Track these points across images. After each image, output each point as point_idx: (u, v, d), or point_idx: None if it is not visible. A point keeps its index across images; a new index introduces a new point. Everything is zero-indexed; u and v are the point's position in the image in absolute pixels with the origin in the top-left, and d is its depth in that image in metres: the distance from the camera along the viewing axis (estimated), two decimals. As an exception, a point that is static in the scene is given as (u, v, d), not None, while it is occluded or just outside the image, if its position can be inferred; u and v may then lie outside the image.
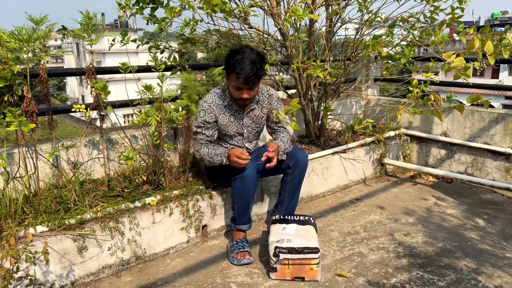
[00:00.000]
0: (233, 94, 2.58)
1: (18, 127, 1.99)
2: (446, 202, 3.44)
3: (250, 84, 2.48)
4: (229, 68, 2.50)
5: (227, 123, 2.69)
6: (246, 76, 2.43)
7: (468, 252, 2.63)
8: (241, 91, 2.53)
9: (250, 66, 2.42)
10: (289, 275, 2.37)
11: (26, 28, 2.24)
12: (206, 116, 2.63)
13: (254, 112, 2.75)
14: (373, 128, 4.06)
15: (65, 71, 2.76)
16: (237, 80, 2.46)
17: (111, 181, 2.76)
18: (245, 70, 2.42)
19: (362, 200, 3.49)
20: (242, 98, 2.55)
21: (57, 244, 2.21)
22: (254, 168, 2.54)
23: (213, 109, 2.63)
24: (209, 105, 2.63)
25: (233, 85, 2.53)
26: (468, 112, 3.85)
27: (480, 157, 3.81)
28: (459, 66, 3.00)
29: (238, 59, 2.44)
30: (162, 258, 2.62)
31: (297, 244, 2.37)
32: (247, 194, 2.58)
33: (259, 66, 2.47)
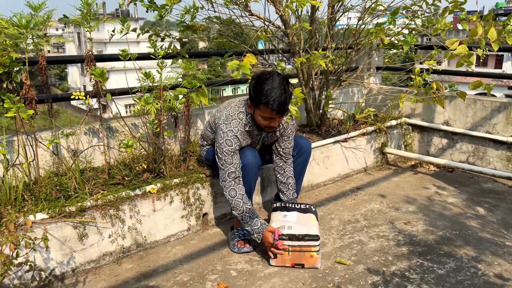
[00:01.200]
0: (261, 123, 2.43)
1: (16, 113, 1.98)
2: (447, 191, 3.43)
3: (282, 114, 2.37)
4: (259, 100, 2.33)
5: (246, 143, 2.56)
6: (280, 106, 2.30)
7: (468, 241, 2.63)
8: (272, 120, 2.39)
9: (283, 95, 2.30)
10: (289, 261, 2.38)
11: (25, 15, 2.22)
12: (234, 145, 2.44)
13: (271, 134, 2.65)
14: (374, 117, 4.04)
15: (64, 58, 2.75)
16: (271, 111, 2.32)
17: (112, 169, 2.76)
18: (279, 100, 2.29)
19: (362, 189, 3.49)
20: (273, 126, 2.44)
21: (58, 231, 2.22)
22: (256, 158, 2.53)
23: (239, 138, 2.46)
24: (235, 134, 2.45)
25: (264, 116, 2.38)
26: (470, 101, 3.82)
27: (481, 146, 3.80)
28: (462, 53, 2.97)
29: (268, 89, 2.30)
30: (162, 246, 2.63)
31: (298, 231, 2.37)
32: (248, 183, 2.58)
33: (289, 93, 2.35)
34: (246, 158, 2.49)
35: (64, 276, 2.27)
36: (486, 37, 3.03)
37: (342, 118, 4.16)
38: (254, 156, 2.52)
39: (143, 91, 2.56)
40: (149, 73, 2.44)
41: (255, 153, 2.54)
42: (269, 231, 2.39)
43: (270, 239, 2.37)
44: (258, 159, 2.55)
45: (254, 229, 2.43)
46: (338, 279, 2.25)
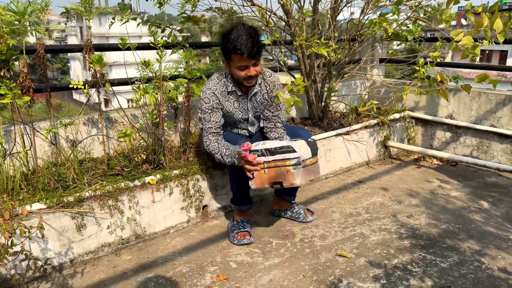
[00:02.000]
0: (238, 75, 2.46)
1: (12, 100, 1.95)
2: (450, 184, 3.39)
3: (254, 57, 2.39)
4: (228, 50, 2.39)
5: (232, 110, 2.59)
6: (249, 49, 2.33)
7: (471, 234, 2.60)
8: (247, 69, 2.42)
9: (249, 39, 2.34)
10: (267, 181, 2.28)
11: (22, 2, 2.18)
12: (212, 102, 2.50)
13: (256, 96, 2.64)
14: (377, 110, 4.00)
15: (63, 47, 2.71)
16: (242, 56, 2.35)
17: (111, 160, 2.73)
18: (245, 43, 2.33)
19: (365, 182, 3.45)
20: (250, 75, 2.44)
21: (55, 222, 2.19)
22: None
23: (217, 96, 2.52)
24: (213, 92, 2.51)
25: (237, 66, 2.42)
26: (474, 94, 3.77)
27: (486, 140, 3.75)
28: (467, 44, 2.92)
29: (235, 37, 2.34)
30: (162, 237, 2.60)
31: (271, 145, 2.26)
32: (245, 176, 2.54)
33: (257, 38, 2.39)
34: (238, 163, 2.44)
35: (62, 267, 2.25)
36: (491, 28, 2.98)
37: (345, 111, 4.11)
38: None
39: (142, 80, 2.52)
40: (149, 62, 2.40)
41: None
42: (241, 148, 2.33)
43: (246, 157, 2.28)
44: None
45: (233, 155, 2.39)
46: (339, 272, 2.22)
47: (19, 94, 1.99)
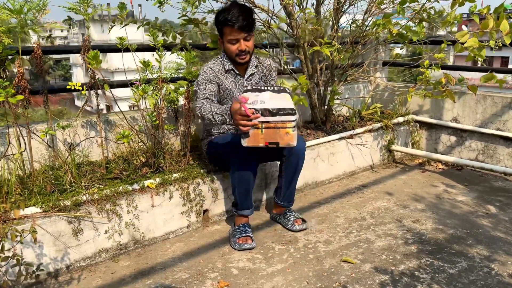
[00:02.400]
0: (230, 50, 2.53)
1: (5, 98, 1.89)
2: (456, 189, 3.32)
3: (245, 29, 2.46)
4: (220, 24, 2.49)
5: (229, 89, 2.64)
6: (239, 21, 2.41)
7: (480, 239, 2.52)
8: (238, 43, 2.50)
9: (240, 12, 2.44)
10: (262, 141, 2.20)
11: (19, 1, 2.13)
12: (209, 75, 2.58)
13: (254, 77, 2.71)
14: (381, 114, 3.94)
15: (61, 48, 2.66)
16: (232, 28, 2.44)
17: (110, 164, 2.67)
18: (236, 16, 2.42)
19: (369, 187, 3.38)
20: (241, 49, 2.51)
21: (51, 226, 2.13)
22: (253, 155, 2.43)
23: (215, 72, 2.60)
24: (210, 67, 2.60)
25: (228, 39, 2.50)
26: (480, 97, 3.71)
27: (491, 143, 3.68)
28: (472, 46, 2.87)
29: (226, 11, 2.46)
30: (161, 243, 2.53)
31: (271, 105, 2.17)
32: (247, 180, 2.48)
33: (249, 13, 2.49)
34: (243, 156, 2.39)
35: (58, 273, 2.18)
36: (497, 30, 2.93)
37: (348, 115, 4.05)
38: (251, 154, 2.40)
39: (141, 81, 2.46)
40: (148, 62, 2.34)
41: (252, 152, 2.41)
42: (235, 102, 2.24)
43: (236, 106, 2.20)
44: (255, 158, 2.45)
45: (224, 112, 2.34)
46: (344, 278, 2.15)
47: (12, 93, 1.93)
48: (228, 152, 2.48)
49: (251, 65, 2.69)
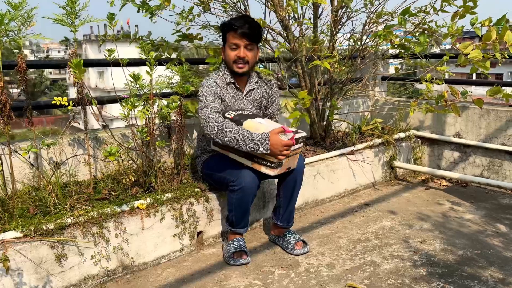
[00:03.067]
0: (230, 56, 2.43)
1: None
2: (462, 207, 3.18)
3: (247, 36, 2.39)
4: (225, 27, 2.44)
5: (231, 104, 2.52)
6: (244, 28, 2.37)
7: (492, 261, 2.37)
8: (238, 49, 2.41)
9: (247, 20, 2.42)
10: (285, 167, 2.31)
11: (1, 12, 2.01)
12: (215, 89, 2.40)
13: (254, 94, 2.59)
14: (381, 130, 3.82)
15: (47, 62, 2.53)
16: (235, 32, 2.38)
17: (98, 183, 2.52)
18: (242, 23, 2.39)
19: (371, 205, 3.23)
20: (239, 56, 2.41)
21: (32, 252, 1.96)
22: (255, 178, 2.30)
23: (219, 85, 2.47)
24: (214, 81, 2.46)
25: (230, 44, 2.42)
26: (483, 112, 3.61)
27: (497, 159, 3.56)
28: (476, 57, 2.77)
29: (234, 18, 2.46)
30: (152, 268, 2.36)
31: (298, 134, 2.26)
32: (246, 203, 2.35)
33: (256, 24, 2.45)
34: (244, 180, 2.27)
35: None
36: (500, 41, 2.84)
37: (347, 131, 3.93)
38: (252, 178, 2.29)
39: (131, 95, 2.32)
40: (138, 76, 2.22)
41: (253, 175, 2.30)
42: (276, 132, 2.17)
43: (280, 139, 2.15)
44: (256, 181, 2.32)
45: (258, 139, 2.16)
46: (350, 306, 1.98)
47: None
48: (228, 176, 2.34)
49: (251, 80, 2.58)
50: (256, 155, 2.23)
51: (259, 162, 2.25)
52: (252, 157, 2.25)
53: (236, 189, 2.27)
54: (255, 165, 2.26)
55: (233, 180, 2.27)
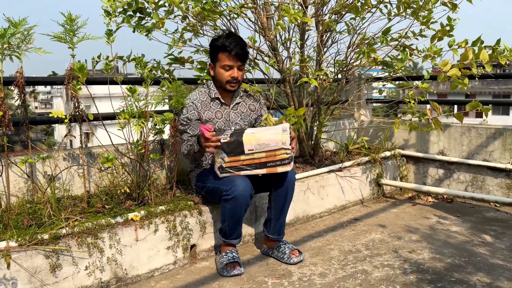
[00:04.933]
0: (223, 76, 2.55)
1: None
2: (449, 220, 3.26)
3: (241, 58, 2.50)
4: (216, 48, 2.52)
5: (213, 119, 2.61)
6: (237, 49, 2.46)
7: (479, 267, 2.43)
8: (231, 70, 2.52)
9: (238, 40, 2.51)
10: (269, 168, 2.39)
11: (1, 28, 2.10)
12: (188, 114, 2.57)
13: (240, 107, 2.71)
14: (367, 149, 3.93)
15: (45, 79, 2.61)
16: (229, 54, 2.47)
17: (92, 198, 2.54)
18: (234, 44, 2.47)
19: (361, 220, 3.29)
20: (233, 76, 2.53)
21: (27, 261, 1.97)
22: (247, 189, 2.36)
23: (196, 105, 2.58)
24: (192, 101, 2.60)
25: (222, 65, 2.52)
26: (464, 129, 3.75)
27: (480, 175, 3.68)
28: (455, 74, 2.93)
29: (225, 37, 2.51)
30: (145, 281, 2.36)
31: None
32: (239, 213, 2.39)
33: (245, 44, 2.55)
34: (237, 189, 2.31)
35: (31, 315, 1.99)
36: (477, 61, 3.01)
37: (335, 150, 4.03)
38: (245, 186, 2.34)
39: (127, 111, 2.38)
40: (134, 89, 2.30)
41: (247, 183, 2.36)
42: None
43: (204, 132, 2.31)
44: (249, 189, 2.37)
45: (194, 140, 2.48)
46: (343, 310, 2.01)
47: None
48: (221, 186, 2.39)
49: (237, 94, 2.69)
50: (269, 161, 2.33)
51: (273, 165, 2.34)
52: (266, 164, 2.33)
53: (230, 198, 2.31)
54: (270, 170, 2.34)
55: (227, 189, 2.32)
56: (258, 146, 2.30)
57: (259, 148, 2.31)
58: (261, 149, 2.31)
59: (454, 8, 3.08)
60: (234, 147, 2.30)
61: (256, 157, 2.32)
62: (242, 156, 2.31)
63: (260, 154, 2.31)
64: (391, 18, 3.19)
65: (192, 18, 2.90)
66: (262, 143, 2.30)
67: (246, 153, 2.31)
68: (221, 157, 2.32)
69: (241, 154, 2.31)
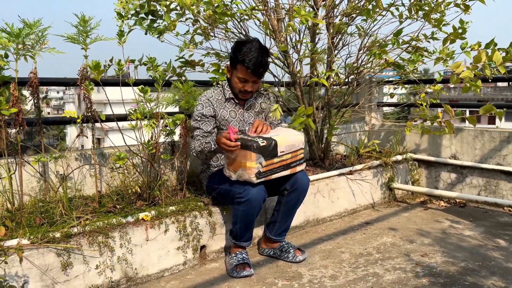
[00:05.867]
0: (236, 86, 2.54)
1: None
2: (462, 224, 3.21)
3: (258, 74, 2.47)
4: (236, 59, 2.46)
5: (228, 118, 2.61)
6: (256, 67, 2.41)
7: (493, 271, 2.39)
8: (246, 83, 2.50)
9: (260, 58, 2.41)
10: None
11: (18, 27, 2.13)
12: (204, 110, 2.55)
13: (254, 107, 2.71)
14: (378, 153, 3.90)
15: (58, 80, 2.64)
16: (247, 70, 2.43)
17: (103, 198, 2.56)
18: (254, 61, 2.40)
19: (372, 224, 3.26)
20: (246, 90, 2.52)
21: (39, 259, 1.98)
22: (262, 190, 2.36)
23: (212, 103, 2.57)
24: (208, 98, 2.58)
25: (239, 76, 2.49)
26: (477, 133, 3.71)
27: (493, 179, 3.62)
28: (468, 77, 2.90)
29: (247, 50, 2.41)
30: (155, 281, 2.36)
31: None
32: (252, 215, 2.39)
33: (266, 59, 2.49)
34: (250, 192, 2.31)
35: (42, 313, 2.00)
36: (490, 63, 2.98)
37: (345, 153, 4.01)
38: (259, 189, 2.34)
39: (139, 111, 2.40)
40: (146, 89, 2.31)
41: (261, 186, 2.36)
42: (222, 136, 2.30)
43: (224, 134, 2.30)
44: (263, 193, 2.37)
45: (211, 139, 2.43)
46: (354, 312, 1.99)
47: (5, 105, 1.87)
48: (234, 188, 2.38)
49: (252, 95, 2.69)
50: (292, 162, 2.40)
51: (294, 165, 2.43)
52: (290, 165, 2.40)
53: (243, 201, 2.31)
54: (292, 170, 2.43)
55: (240, 192, 2.32)
56: (287, 148, 2.35)
57: (288, 150, 2.36)
58: (289, 150, 2.37)
59: (466, 9, 3.05)
60: (271, 150, 2.30)
61: (285, 159, 2.37)
62: (275, 159, 2.33)
63: (287, 155, 2.37)
64: (402, 20, 3.18)
65: (203, 21, 2.93)
66: (290, 144, 2.36)
67: (279, 155, 2.34)
68: (259, 161, 2.26)
69: (275, 157, 2.32)
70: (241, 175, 2.28)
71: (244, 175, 2.27)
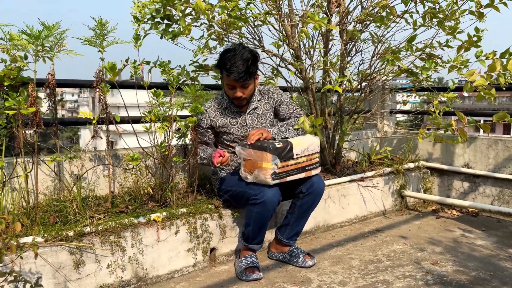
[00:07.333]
0: (228, 93, 2.57)
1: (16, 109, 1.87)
2: (474, 233, 3.18)
3: (240, 81, 2.45)
4: (220, 66, 2.49)
5: (228, 125, 2.63)
6: (237, 73, 2.40)
7: (506, 281, 2.36)
8: (234, 90, 2.50)
9: (241, 62, 2.40)
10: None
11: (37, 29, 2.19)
12: (201, 121, 2.63)
13: (257, 110, 2.69)
14: (390, 160, 3.89)
15: (74, 82, 2.69)
16: (228, 77, 2.44)
17: (115, 199, 2.59)
18: (235, 66, 2.39)
19: (383, 231, 3.24)
20: (236, 97, 2.52)
21: (52, 257, 2.02)
22: (277, 193, 2.38)
23: (209, 113, 2.63)
24: (205, 109, 2.63)
25: (226, 83, 2.52)
26: (491, 142, 3.67)
27: (507, 189, 3.58)
28: (482, 85, 2.88)
29: (230, 56, 2.42)
30: (165, 282, 2.38)
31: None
32: (266, 217, 2.41)
33: (251, 63, 2.44)
34: (266, 194, 2.33)
35: (54, 310, 2.03)
36: (505, 72, 2.96)
37: (357, 160, 4.00)
38: (275, 191, 2.37)
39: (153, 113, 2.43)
40: (159, 92, 2.35)
41: (276, 189, 2.38)
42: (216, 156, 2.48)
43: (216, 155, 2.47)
44: (278, 196, 2.39)
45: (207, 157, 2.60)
46: (363, 318, 1.98)
47: (24, 104, 1.92)
48: (249, 190, 2.39)
49: (254, 99, 2.66)
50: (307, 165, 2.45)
51: (309, 168, 2.48)
52: (305, 168, 2.44)
53: (259, 202, 2.32)
54: (308, 173, 2.48)
55: (256, 193, 2.33)
56: (303, 150, 2.40)
57: (303, 152, 2.40)
58: (304, 153, 2.41)
59: (481, 17, 3.04)
60: (287, 151, 2.36)
61: (300, 161, 2.41)
62: (291, 161, 2.37)
63: (303, 158, 2.41)
64: (416, 28, 3.18)
65: (217, 27, 2.96)
66: (306, 147, 2.41)
67: (294, 157, 2.38)
68: (274, 162, 2.31)
69: (290, 159, 2.37)
70: (257, 176, 2.32)
71: (260, 175, 2.31)
